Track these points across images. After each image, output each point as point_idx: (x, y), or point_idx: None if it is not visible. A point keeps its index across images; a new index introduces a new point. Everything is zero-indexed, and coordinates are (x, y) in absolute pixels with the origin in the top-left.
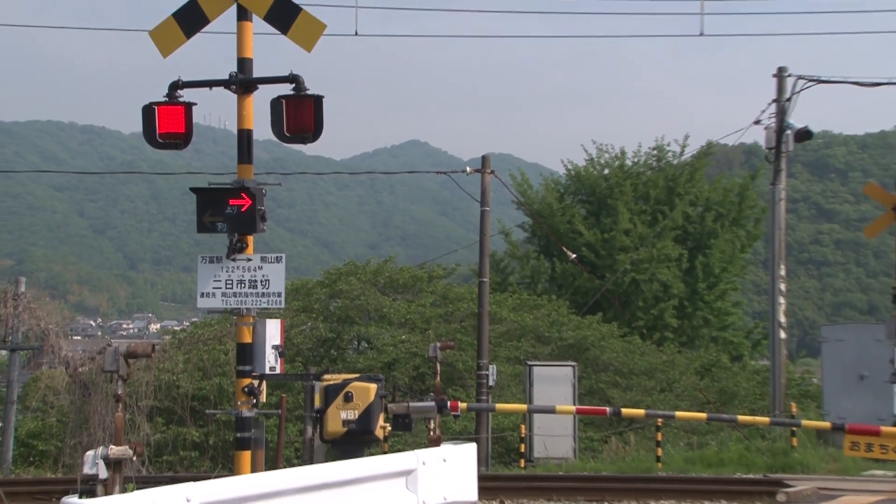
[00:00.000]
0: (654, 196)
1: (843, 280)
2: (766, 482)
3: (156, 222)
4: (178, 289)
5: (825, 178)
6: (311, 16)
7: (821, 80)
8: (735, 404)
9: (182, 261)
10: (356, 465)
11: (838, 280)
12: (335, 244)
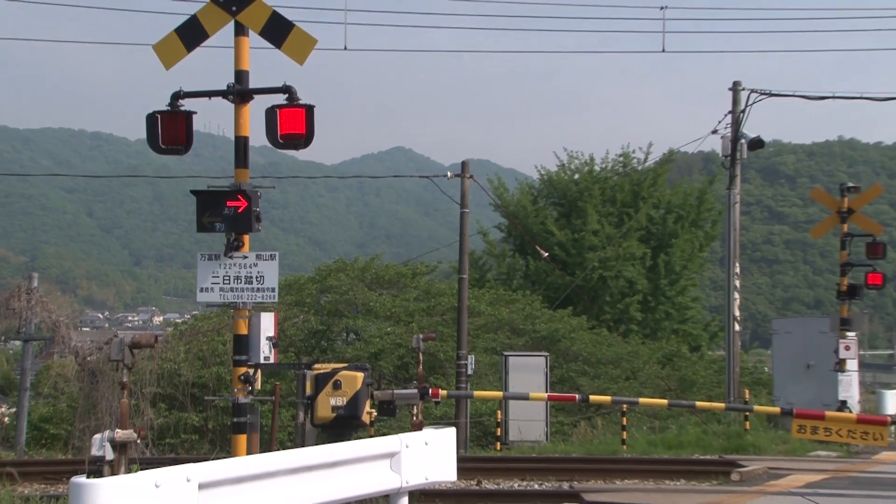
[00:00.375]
0: (621, 199)
1: (792, 277)
2: (722, 463)
3: (159, 222)
4: (180, 284)
5: (776, 183)
6: (303, 31)
7: (772, 93)
8: (694, 391)
9: (183, 258)
10: (344, 447)
11: (788, 277)
12: (326, 243)
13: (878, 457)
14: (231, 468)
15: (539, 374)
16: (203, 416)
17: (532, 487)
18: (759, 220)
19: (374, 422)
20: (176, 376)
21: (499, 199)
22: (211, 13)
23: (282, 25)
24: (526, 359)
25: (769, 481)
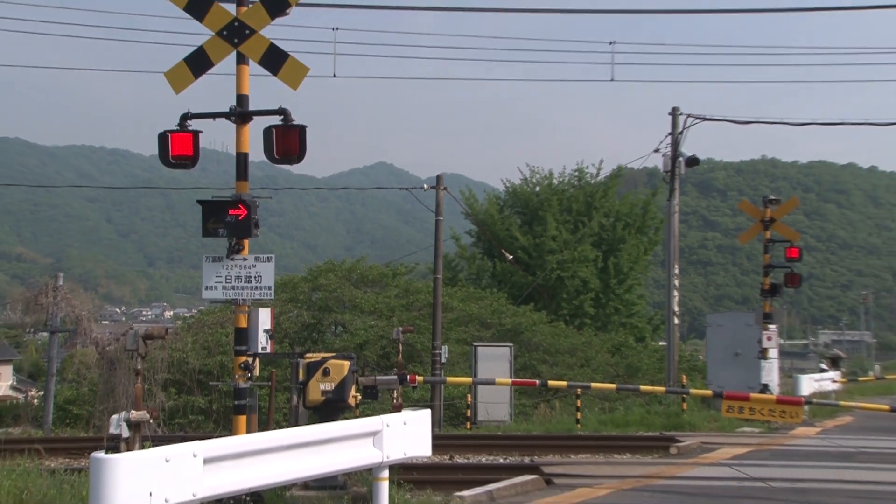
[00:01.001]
0: (576, 209)
1: (723, 277)
2: (662, 438)
3: (170, 228)
4: (188, 282)
5: (709, 196)
6: (297, 61)
7: (705, 118)
8: (639, 377)
9: (191, 260)
10: (332, 427)
11: (719, 277)
12: (317, 246)
13: (793, 432)
14: (232, 445)
15: (504, 362)
16: (208, 399)
17: (497, 461)
18: (695, 227)
19: (359, 404)
20: (184, 364)
21: (469, 208)
22: (216, 44)
23: (278, 55)
24: (493, 349)
25: (702, 454)
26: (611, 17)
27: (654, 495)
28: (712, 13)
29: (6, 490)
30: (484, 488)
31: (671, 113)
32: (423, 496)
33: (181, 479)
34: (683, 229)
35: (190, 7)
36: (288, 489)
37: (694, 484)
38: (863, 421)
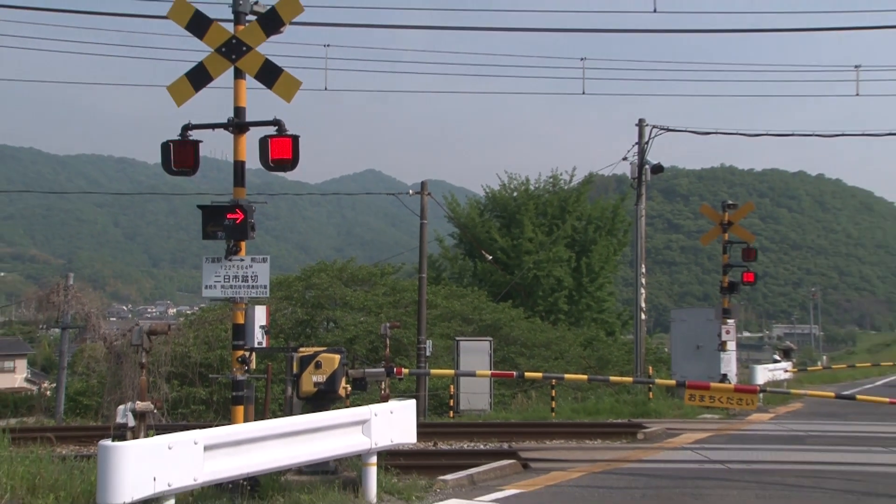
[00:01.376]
0: (551, 213)
1: (685, 276)
2: (630, 425)
3: (173, 231)
4: (190, 282)
5: (673, 200)
6: (290, 75)
7: (669, 129)
8: (609, 368)
9: (193, 261)
10: (324, 416)
11: (682, 276)
12: (310, 248)
13: (750, 418)
14: (231, 433)
15: (484, 355)
16: (209, 390)
17: (478, 447)
18: (660, 230)
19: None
20: (186, 358)
21: (452, 212)
22: (215, 60)
23: (273, 70)
24: (474, 343)
25: (667, 439)
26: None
27: (622, 477)
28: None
29: (20, 475)
30: (465, 472)
31: (638, 124)
32: (409, 480)
33: (183, 464)
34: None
35: (191, 26)
36: (283, 474)
37: (659, 467)
38: (812, 407)
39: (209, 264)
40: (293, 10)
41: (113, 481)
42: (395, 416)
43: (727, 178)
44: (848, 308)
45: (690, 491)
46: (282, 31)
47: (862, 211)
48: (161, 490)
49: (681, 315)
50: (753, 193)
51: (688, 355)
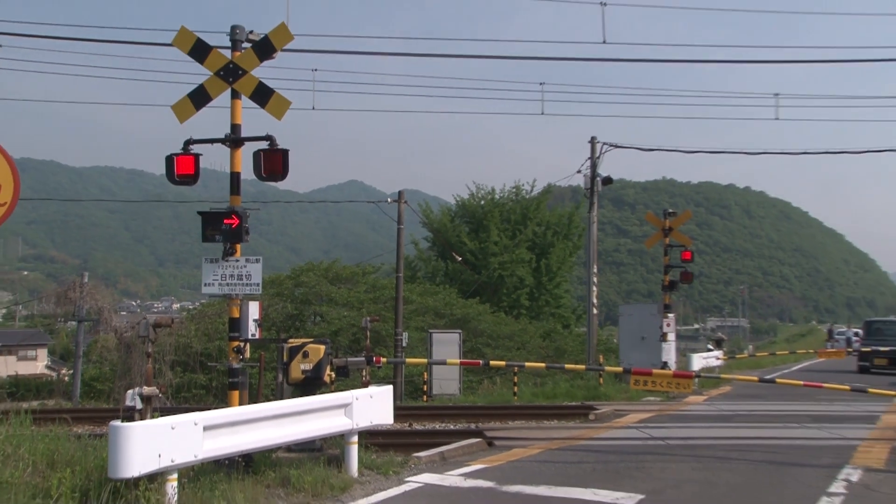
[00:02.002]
0: (514, 219)
1: (632, 275)
2: (582, 407)
3: (177, 235)
4: (192, 280)
5: (622, 209)
6: (281, 96)
7: (617, 145)
8: (565, 357)
9: (195, 261)
10: (311, 400)
11: (629, 275)
12: (299, 250)
13: (686, 400)
14: (227, 415)
15: (454, 345)
16: (209, 377)
17: (449, 428)
18: (610, 234)
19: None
20: (188, 348)
21: (426, 218)
22: (214, 83)
23: (265, 91)
24: (445, 335)
25: (615, 419)
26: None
27: (575, 453)
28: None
29: (41, 451)
30: (437, 450)
31: (590, 141)
32: (386, 457)
33: (185, 443)
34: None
35: (193, 52)
36: (274, 452)
37: (608, 443)
38: (739, 390)
39: (208, 264)
40: (284, 38)
41: (122, 457)
42: (374, 400)
43: (668, 189)
44: (770, 303)
45: (635, 464)
46: (274, 56)
47: (782, 219)
48: (165, 465)
49: (628, 310)
50: (691, 203)
51: (633, 345)
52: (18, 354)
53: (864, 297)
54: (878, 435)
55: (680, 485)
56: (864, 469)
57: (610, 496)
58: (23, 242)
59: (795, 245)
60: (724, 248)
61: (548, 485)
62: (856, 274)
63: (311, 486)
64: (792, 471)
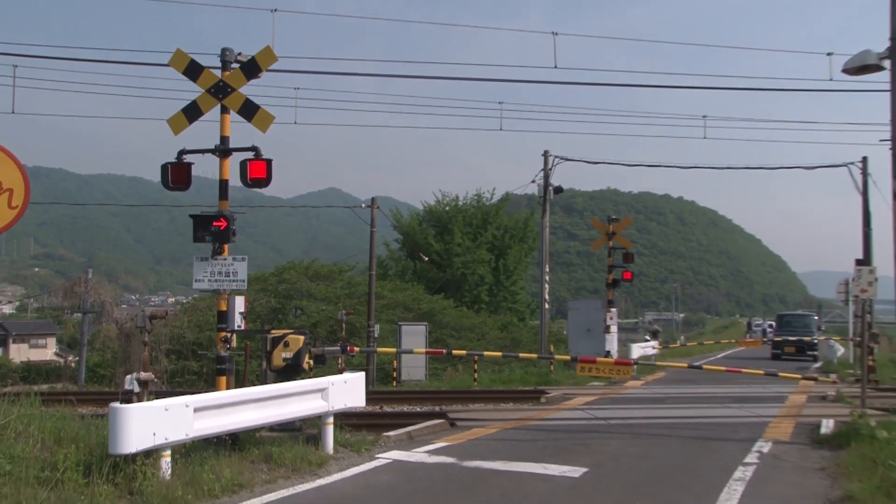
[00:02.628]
0: (475, 223)
1: (580, 274)
2: (535, 391)
3: (172, 236)
4: (186, 276)
5: (571, 215)
6: (266, 111)
7: (567, 158)
8: (520, 347)
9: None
10: (291, 385)
11: (578, 274)
12: (283, 250)
13: (626, 385)
14: (215, 399)
15: (421, 336)
16: (200, 364)
17: (415, 410)
18: (561, 238)
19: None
20: (182, 337)
21: (396, 222)
22: (205, 99)
23: (252, 107)
24: (413, 327)
25: (563, 402)
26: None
27: (528, 432)
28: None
29: (49, 429)
30: (405, 429)
31: (543, 155)
32: (359, 436)
33: (177, 423)
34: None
35: (187, 71)
36: (258, 431)
37: (557, 423)
38: (671, 375)
39: (199, 262)
40: (269, 60)
41: (121, 435)
42: (348, 385)
43: (612, 198)
44: (699, 299)
45: (580, 441)
46: (260, 76)
47: (710, 225)
48: (159, 443)
49: (576, 305)
50: (631, 210)
51: (580, 336)
52: (30, 342)
53: (777, 294)
54: (786, 412)
55: (618, 458)
56: (773, 442)
57: (558, 469)
58: (34, 242)
59: (721, 248)
60: (660, 250)
61: (503, 460)
62: (770, 274)
63: (292, 462)
64: (714, 444)
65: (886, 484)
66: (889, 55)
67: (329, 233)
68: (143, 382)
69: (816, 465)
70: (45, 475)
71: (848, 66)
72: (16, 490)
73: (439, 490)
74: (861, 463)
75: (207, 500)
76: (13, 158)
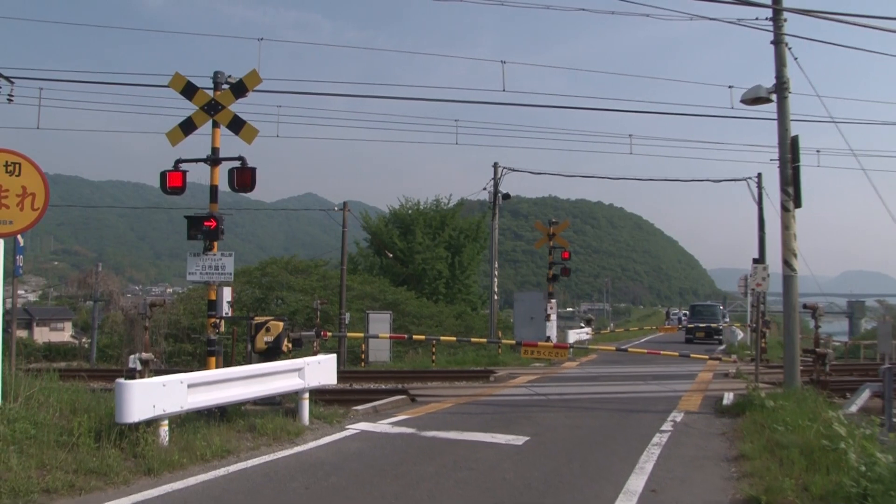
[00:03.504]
0: (434, 225)
1: (525, 270)
2: (485, 371)
3: (171, 234)
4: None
5: (518, 218)
6: (251, 126)
7: (514, 169)
8: (473, 333)
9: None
10: (272, 365)
11: (523, 269)
12: (266, 247)
13: (563, 365)
14: (206, 376)
15: (386, 323)
16: (194, 346)
17: (381, 387)
18: (509, 238)
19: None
20: (178, 323)
21: (365, 223)
22: (199, 115)
23: (239, 122)
24: (379, 315)
25: (509, 380)
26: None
27: (478, 406)
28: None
29: (66, 400)
30: (371, 404)
31: (493, 166)
32: (331, 409)
33: (173, 397)
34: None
35: (184, 91)
36: (243, 405)
37: (504, 398)
38: (603, 357)
39: (192, 257)
40: (254, 81)
41: (126, 407)
42: (321, 365)
43: (553, 204)
44: (627, 292)
45: (524, 414)
46: (246, 95)
47: (636, 229)
48: (158, 414)
49: (521, 297)
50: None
51: (525, 324)
52: (50, 326)
53: (691, 288)
54: (696, 388)
55: (556, 428)
56: (685, 412)
57: (504, 438)
58: (54, 240)
59: (645, 248)
60: (593, 249)
61: (457, 430)
62: (685, 270)
63: (273, 432)
64: (637, 416)
65: (771, 444)
66: (775, 90)
67: (306, 232)
68: (145, 362)
69: (719, 430)
70: (63, 439)
71: (744, 98)
72: (39, 451)
73: (401, 456)
74: (753, 428)
75: (200, 464)
76: (36, 167)
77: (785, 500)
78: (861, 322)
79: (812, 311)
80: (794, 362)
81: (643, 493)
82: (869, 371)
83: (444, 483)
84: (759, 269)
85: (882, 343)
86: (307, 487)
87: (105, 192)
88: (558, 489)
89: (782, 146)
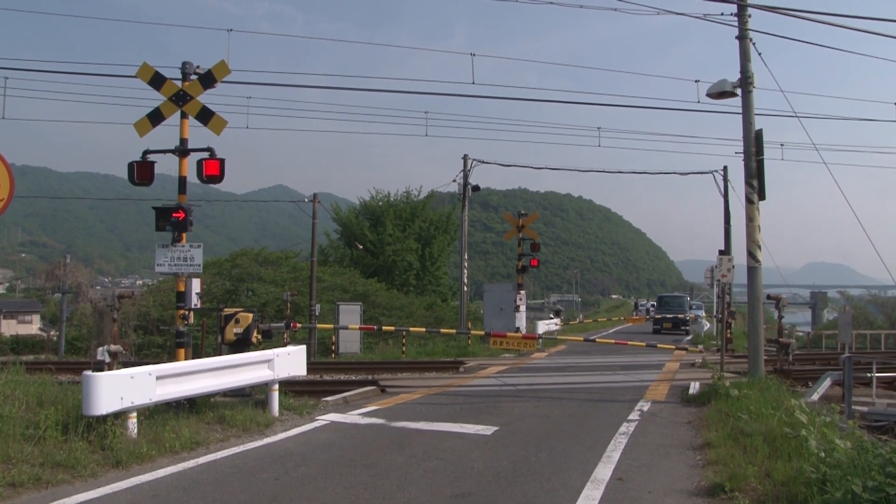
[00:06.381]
0: (405, 216)
1: (495, 261)
2: (455, 362)
3: (140, 226)
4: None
5: (488, 210)
6: (220, 117)
7: (484, 161)
8: (443, 324)
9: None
10: (242, 356)
11: (493, 261)
12: (236, 238)
13: (532, 356)
14: (175, 368)
15: (357, 315)
16: (164, 338)
17: (351, 378)
18: (478, 230)
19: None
20: (148, 315)
21: (336, 215)
22: (167, 106)
23: (208, 113)
24: (349, 306)
25: (479, 371)
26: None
27: (448, 396)
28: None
29: (32, 393)
30: (341, 395)
31: (463, 158)
32: (301, 401)
33: (142, 389)
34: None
35: (152, 82)
36: (213, 397)
37: (473, 389)
38: (571, 348)
39: (160, 249)
40: (223, 72)
41: (93, 399)
42: (291, 356)
43: (522, 195)
44: (595, 283)
45: (492, 404)
46: (215, 86)
47: (605, 221)
48: (126, 406)
49: (490, 288)
50: (539, 207)
51: (494, 314)
52: (18, 319)
53: (659, 279)
54: (662, 378)
55: (525, 418)
56: (652, 402)
57: (473, 428)
58: (21, 231)
59: (613, 240)
60: (563, 241)
61: (426, 421)
62: (653, 262)
63: (242, 423)
64: (605, 405)
65: (735, 432)
66: (740, 85)
67: (277, 224)
68: (113, 354)
69: (685, 419)
70: (30, 432)
71: (710, 92)
72: (5, 444)
73: (370, 447)
74: (718, 416)
75: (169, 456)
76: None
77: (748, 486)
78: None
79: (776, 301)
80: (758, 352)
81: (610, 481)
82: (831, 360)
83: (413, 472)
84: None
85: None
86: (277, 478)
87: (74, 184)
88: (526, 478)
89: (747, 140)
